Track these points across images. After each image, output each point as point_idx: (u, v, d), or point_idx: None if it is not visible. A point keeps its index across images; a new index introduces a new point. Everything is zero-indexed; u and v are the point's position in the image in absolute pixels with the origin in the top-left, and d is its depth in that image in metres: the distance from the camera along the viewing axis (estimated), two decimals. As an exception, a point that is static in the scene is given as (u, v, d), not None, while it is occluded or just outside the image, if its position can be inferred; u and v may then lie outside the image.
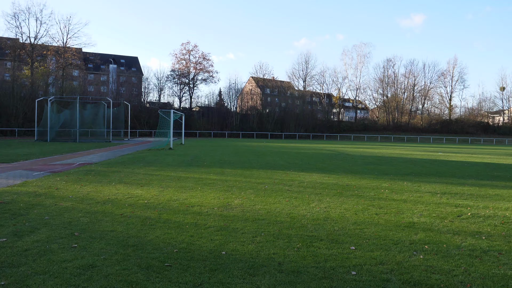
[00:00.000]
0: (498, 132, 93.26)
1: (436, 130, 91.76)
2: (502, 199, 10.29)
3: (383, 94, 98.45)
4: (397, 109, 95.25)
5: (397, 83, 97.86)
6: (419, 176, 15.06)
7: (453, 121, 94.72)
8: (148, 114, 75.60)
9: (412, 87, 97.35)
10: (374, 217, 7.87)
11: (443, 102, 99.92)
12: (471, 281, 4.65)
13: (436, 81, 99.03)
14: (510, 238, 6.50)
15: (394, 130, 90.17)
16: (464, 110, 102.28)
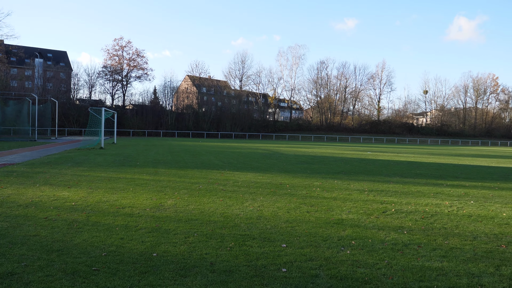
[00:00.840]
0: (421, 132, 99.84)
1: (366, 130, 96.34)
2: (423, 195, 11.02)
3: (316, 95, 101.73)
4: (330, 109, 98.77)
5: (330, 85, 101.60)
6: (349, 174, 15.73)
7: (381, 122, 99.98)
8: (78, 112, 72.04)
9: (344, 89, 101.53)
10: (306, 214, 8.09)
11: (372, 103, 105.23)
12: (393, 273, 4.93)
13: (366, 84, 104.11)
14: (428, 232, 6.97)
15: (327, 130, 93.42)
16: (391, 111, 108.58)
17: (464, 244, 6.26)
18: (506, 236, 6.84)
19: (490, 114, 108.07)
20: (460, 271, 5.06)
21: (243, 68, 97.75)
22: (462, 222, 7.83)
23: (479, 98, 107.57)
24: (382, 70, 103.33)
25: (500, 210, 9.12)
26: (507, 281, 4.79)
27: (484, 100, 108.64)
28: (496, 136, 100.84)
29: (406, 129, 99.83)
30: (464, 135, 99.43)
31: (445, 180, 14.73)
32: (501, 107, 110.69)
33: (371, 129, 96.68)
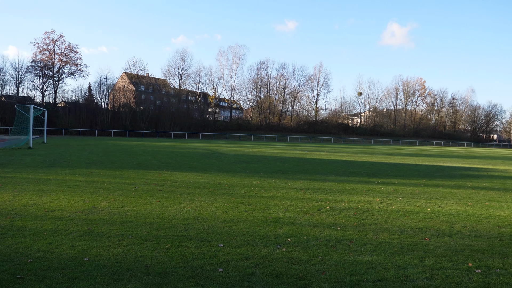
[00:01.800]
0: (356, 132, 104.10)
1: (304, 130, 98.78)
2: (356, 192, 11.49)
3: (256, 95, 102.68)
4: (270, 109, 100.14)
5: (270, 85, 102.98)
6: (287, 173, 16.04)
7: (319, 122, 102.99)
8: (3, 109, 67.22)
9: (283, 90, 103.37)
10: (243, 214, 8.14)
11: (310, 104, 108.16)
12: (326, 269, 5.09)
13: (304, 85, 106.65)
14: (360, 228, 7.29)
15: (266, 130, 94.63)
16: (328, 112, 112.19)
17: (392, 238, 6.62)
18: (430, 230, 7.31)
19: (418, 116, 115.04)
20: (388, 264, 5.34)
21: (183, 67, 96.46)
22: (391, 217, 8.27)
23: (408, 101, 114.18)
24: (320, 72, 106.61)
25: (425, 206, 9.74)
26: (430, 271, 5.12)
27: (413, 102, 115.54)
28: (424, 136, 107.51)
29: (342, 129, 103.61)
30: (395, 135, 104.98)
31: (377, 178, 15.47)
32: (427, 109, 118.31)
33: (309, 129, 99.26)
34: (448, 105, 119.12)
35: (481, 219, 8.42)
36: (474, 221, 8.16)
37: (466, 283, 4.77)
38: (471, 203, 10.36)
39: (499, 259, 5.72)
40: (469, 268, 5.30)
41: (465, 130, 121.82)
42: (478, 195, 11.84)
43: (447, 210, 9.22)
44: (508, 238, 6.93)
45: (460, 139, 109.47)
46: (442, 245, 6.34)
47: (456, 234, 7.05)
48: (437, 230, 7.33)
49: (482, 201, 10.68)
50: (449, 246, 6.27)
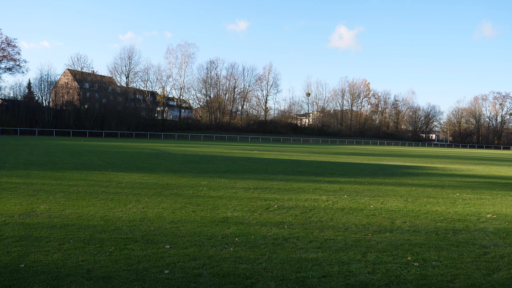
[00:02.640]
0: (304, 132, 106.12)
1: (254, 130, 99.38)
2: (303, 191, 11.71)
3: (206, 95, 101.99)
4: (219, 109, 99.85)
5: (220, 85, 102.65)
6: (236, 173, 16.06)
7: (268, 122, 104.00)
8: None
9: (233, 89, 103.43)
10: (191, 214, 8.06)
11: (260, 104, 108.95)
12: (273, 267, 5.15)
13: (254, 85, 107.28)
14: (307, 226, 7.43)
15: (216, 130, 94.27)
16: (277, 112, 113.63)
17: (337, 235, 6.81)
18: (372, 226, 7.60)
19: (363, 116, 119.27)
20: (332, 260, 5.49)
21: (130, 64, 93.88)
22: (336, 215, 8.51)
23: (354, 102, 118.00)
24: (269, 72, 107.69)
25: (368, 203, 10.10)
26: (371, 266, 5.32)
27: (358, 103, 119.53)
28: (368, 136, 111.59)
29: (290, 129, 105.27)
30: (342, 135, 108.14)
31: (324, 176, 15.86)
32: (372, 110, 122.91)
33: (258, 129, 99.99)
34: (391, 106, 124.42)
35: (420, 214, 8.87)
36: (413, 217, 8.57)
37: (405, 276, 5.00)
38: (411, 199, 10.88)
39: (435, 252, 6.04)
40: (408, 261, 5.56)
41: (406, 130, 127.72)
42: (417, 192, 12.45)
43: (388, 207, 9.62)
44: (444, 232, 7.34)
45: (402, 139, 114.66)
46: (383, 240, 6.60)
47: (396, 230, 7.37)
48: (379, 226, 7.63)
49: (421, 198, 11.24)
50: (390, 241, 6.54)
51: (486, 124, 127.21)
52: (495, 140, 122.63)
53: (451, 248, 6.27)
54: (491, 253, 6.09)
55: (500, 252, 6.19)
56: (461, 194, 12.33)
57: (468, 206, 10.21)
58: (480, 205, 10.44)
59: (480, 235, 7.24)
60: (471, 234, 7.25)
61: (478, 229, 7.71)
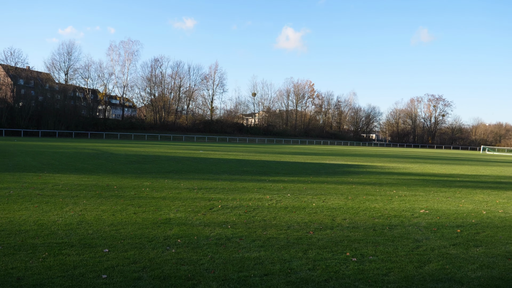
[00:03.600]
0: (250, 132, 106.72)
1: (200, 130, 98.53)
2: (247, 191, 11.76)
3: (150, 93, 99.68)
4: (164, 108, 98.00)
5: (164, 83, 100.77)
6: (180, 173, 15.83)
7: (214, 122, 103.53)
8: None
9: (178, 88, 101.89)
10: (132, 216, 7.84)
11: (206, 103, 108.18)
12: (215, 267, 5.12)
13: (200, 84, 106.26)
14: (250, 225, 7.47)
15: (161, 129, 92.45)
16: (224, 112, 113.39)
17: (279, 234, 6.90)
18: (314, 224, 7.78)
19: (307, 116, 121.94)
20: (274, 258, 5.55)
21: (70, 60, 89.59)
22: (279, 213, 8.62)
23: (299, 102, 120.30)
24: (215, 71, 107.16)
25: (311, 201, 10.34)
26: (312, 262, 5.45)
27: (303, 104, 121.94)
28: (312, 135, 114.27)
29: (236, 128, 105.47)
30: (287, 135, 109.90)
31: (268, 176, 16.03)
32: (316, 110, 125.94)
33: (204, 129, 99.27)
34: (334, 107, 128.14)
35: (359, 211, 9.20)
36: (353, 214, 8.88)
37: (344, 271, 5.16)
38: (351, 197, 11.26)
39: (372, 247, 6.29)
40: (346, 257, 5.74)
41: (348, 130, 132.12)
42: (357, 189, 12.92)
43: (330, 205, 9.90)
44: (381, 227, 7.67)
45: (344, 139, 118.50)
46: (324, 237, 6.78)
47: (337, 227, 7.60)
48: (320, 223, 7.83)
49: (361, 195, 11.67)
50: (330, 238, 6.73)
51: (421, 124, 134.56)
52: (429, 139, 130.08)
53: (387, 243, 6.56)
54: (423, 246, 6.44)
55: (431, 245, 6.56)
56: (398, 191, 12.94)
57: (404, 202, 10.74)
58: (414, 201, 11.01)
59: (414, 229, 7.64)
60: (405, 229, 7.62)
61: (412, 224, 8.12)
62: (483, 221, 8.67)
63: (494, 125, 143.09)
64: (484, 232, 7.64)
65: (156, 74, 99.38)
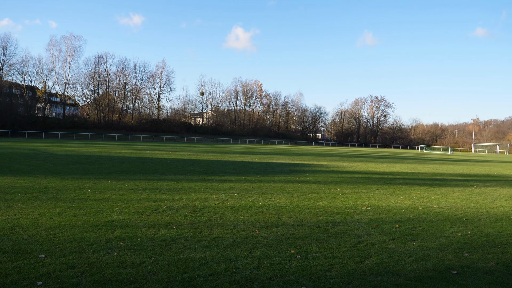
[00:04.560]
0: (198, 131, 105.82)
1: (146, 129, 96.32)
2: (194, 191, 11.64)
3: (94, 91, 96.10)
4: (109, 107, 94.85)
5: (109, 81, 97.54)
6: (125, 174, 15.38)
7: (161, 121, 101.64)
8: None
9: (124, 86, 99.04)
10: (72, 219, 7.50)
11: (153, 102, 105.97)
12: (159, 269, 5.02)
13: (146, 82, 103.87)
14: (196, 225, 7.39)
15: (105, 128, 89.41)
16: (171, 111, 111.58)
17: (225, 233, 6.88)
18: (260, 222, 7.84)
19: (255, 116, 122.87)
20: (220, 258, 5.53)
21: (5, 55, 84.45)
22: (225, 213, 8.61)
23: (247, 102, 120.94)
24: (162, 69, 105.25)
25: (257, 200, 10.41)
26: (257, 261, 5.48)
27: (251, 104, 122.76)
28: (260, 135, 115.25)
29: (184, 128, 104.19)
30: (235, 134, 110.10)
31: (215, 175, 15.96)
32: (264, 110, 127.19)
33: (151, 128, 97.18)
34: (281, 107, 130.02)
35: (304, 209, 9.38)
36: (298, 212, 9.04)
37: (288, 269, 5.24)
38: (296, 195, 11.46)
39: (316, 244, 6.44)
40: (291, 254, 5.83)
41: (296, 130, 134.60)
42: (303, 188, 13.17)
43: (276, 203, 10.02)
44: (324, 225, 7.86)
45: (291, 138, 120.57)
46: (269, 235, 6.85)
47: (282, 225, 7.70)
48: (266, 222, 7.90)
49: (306, 194, 11.91)
50: (275, 236, 6.81)
51: (365, 124, 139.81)
52: (372, 139, 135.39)
53: (330, 240, 6.74)
54: (364, 242, 6.68)
55: (372, 240, 6.82)
56: (341, 189, 13.34)
57: (347, 200, 11.08)
58: (357, 198, 11.40)
59: (356, 226, 7.90)
60: (348, 226, 7.87)
61: (354, 220, 8.40)
62: (420, 216, 9.14)
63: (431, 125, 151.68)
64: (420, 227, 8.05)
65: (100, 72, 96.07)
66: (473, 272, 5.39)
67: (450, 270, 5.42)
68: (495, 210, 10.38)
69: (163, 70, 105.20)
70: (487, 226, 8.36)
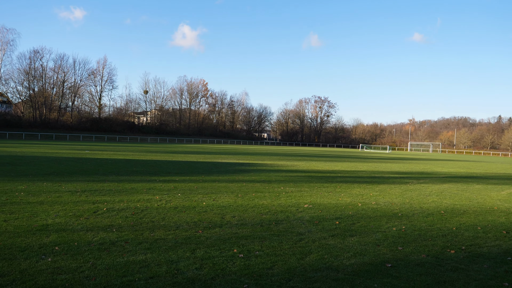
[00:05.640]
0: (142, 131, 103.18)
1: (86, 128, 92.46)
2: (136, 192, 11.35)
3: (29, 88, 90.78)
4: (46, 105, 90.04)
5: (46, 77, 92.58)
6: (62, 175, 14.67)
7: (103, 120, 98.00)
8: None
9: (62, 83, 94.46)
10: (2, 224, 7.06)
11: (93, 100, 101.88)
12: (96, 274, 4.85)
13: (86, 79, 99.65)
14: (137, 227, 7.22)
15: (41, 127, 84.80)
16: (113, 109, 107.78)
17: (167, 234, 6.78)
18: (204, 222, 7.80)
19: (201, 115, 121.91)
20: (161, 260, 5.44)
21: None
22: (168, 214, 8.47)
23: (192, 101, 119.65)
24: (104, 66, 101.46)
25: (201, 200, 10.34)
26: (199, 261, 5.45)
27: (196, 103, 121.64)
28: (206, 134, 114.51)
29: (127, 127, 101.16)
30: (180, 134, 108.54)
31: (159, 176, 15.66)
32: (210, 110, 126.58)
33: (92, 127, 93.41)
34: (227, 107, 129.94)
35: (248, 208, 9.45)
36: (242, 211, 9.09)
37: (230, 268, 5.25)
38: (241, 195, 11.51)
39: (259, 242, 6.51)
40: (234, 254, 5.86)
41: (241, 129, 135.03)
42: (248, 187, 13.26)
43: (220, 203, 10.01)
44: (267, 223, 7.97)
45: (237, 138, 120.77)
46: (213, 235, 6.83)
47: (226, 224, 7.71)
48: (209, 222, 7.87)
49: (250, 193, 12.00)
50: (218, 236, 6.80)
51: (309, 124, 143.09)
52: (316, 138, 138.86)
53: (272, 238, 6.84)
54: (305, 239, 6.85)
55: (313, 237, 7.01)
56: (285, 187, 13.57)
57: (290, 198, 11.29)
58: (299, 196, 11.65)
59: (298, 223, 8.08)
60: (290, 223, 8.03)
61: (297, 218, 8.58)
62: (359, 213, 9.51)
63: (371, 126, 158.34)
64: (359, 223, 8.37)
65: (36, 67, 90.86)
66: (406, 265, 5.70)
67: (385, 263, 5.69)
68: (427, 206, 11.02)
69: (104, 67, 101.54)
70: (419, 221, 8.85)
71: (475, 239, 7.40)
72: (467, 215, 9.78)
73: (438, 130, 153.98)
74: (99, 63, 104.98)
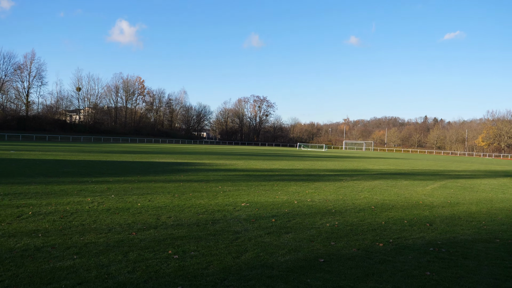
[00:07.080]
0: (74, 130, 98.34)
1: (12, 127, 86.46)
2: (66, 194, 10.78)
3: None
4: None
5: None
6: (-18, 177, 13.61)
7: (31, 118, 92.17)
8: None
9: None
10: None
11: (20, 97, 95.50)
12: (18, 283, 4.54)
13: (12, 75, 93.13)
14: (66, 231, 6.85)
15: (-40, 126, 78.14)
16: (43, 107, 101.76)
17: (98, 238, 6.50)
18: (138, 224, 7.57)
19: (138, 114, 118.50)
20: (91, 265, 5.20)
21: None
22: (100, 216, 8.13)
23: (129, 99, 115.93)
24: (31, 61, 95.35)
25: (136, 201, 10.04)
26: (132, 264, 5.28)
27: (133, 101, 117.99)
28: (143, 134, 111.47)
29: (58, 126, 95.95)
30: (116, 133, 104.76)
31: (91, 177, 15.00)
32: (147, 108, 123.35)
33: (18, 126, 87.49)
34: (165, 105, 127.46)
35: (185, 208, 9.32)
36: (178, 211, 8.94)
37: (165, 270, 5.14)
38: (177, 195, 11.33)
39: (195, 242, 6.43)
40: (168, 255, 5.74)
41: (180, 128, 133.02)
42: (185, 187, 13.07)
43: (156, 204, 9.78)
44: (204, 223, 7.90)
45: (176, 137, 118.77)
46: (147, 237, 6.65)
47: (161, 225, 7.54)
48: (144, 223, 7.66)
49: (188, 192, 11.84)
50: (153, 238, 6.64)
51: (248, 123, 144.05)
52: (255, 137, 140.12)
53: (208, 237, 6.79)
54: (241, 238, 6.87)
55: (249, 235, 7.05)
56: (223, 186, 13.55)
57: (228, 197, 11.29)
58: (237, 195, 11.68)
59: (235, 222, 8.09)
60: (227, 223, 8.02)
61: (234, 217, 8.59)
62: (294, 210, 9.71)
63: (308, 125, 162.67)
64: (294, 220, 8.55)
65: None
66: (338, 259, 5.90)
67: (319, 259, 5.86)
68: (359, 201, 11.51)
69: (32, 61, 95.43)
70: (351, 216, 9.21)
71: (401, 232, 7.83)
72: (395, 210, 10.33)
73: (371, 129, 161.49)
74: (26, 57, 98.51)
